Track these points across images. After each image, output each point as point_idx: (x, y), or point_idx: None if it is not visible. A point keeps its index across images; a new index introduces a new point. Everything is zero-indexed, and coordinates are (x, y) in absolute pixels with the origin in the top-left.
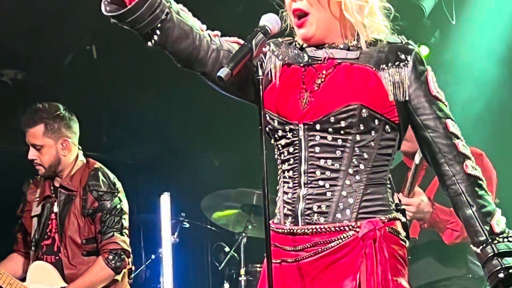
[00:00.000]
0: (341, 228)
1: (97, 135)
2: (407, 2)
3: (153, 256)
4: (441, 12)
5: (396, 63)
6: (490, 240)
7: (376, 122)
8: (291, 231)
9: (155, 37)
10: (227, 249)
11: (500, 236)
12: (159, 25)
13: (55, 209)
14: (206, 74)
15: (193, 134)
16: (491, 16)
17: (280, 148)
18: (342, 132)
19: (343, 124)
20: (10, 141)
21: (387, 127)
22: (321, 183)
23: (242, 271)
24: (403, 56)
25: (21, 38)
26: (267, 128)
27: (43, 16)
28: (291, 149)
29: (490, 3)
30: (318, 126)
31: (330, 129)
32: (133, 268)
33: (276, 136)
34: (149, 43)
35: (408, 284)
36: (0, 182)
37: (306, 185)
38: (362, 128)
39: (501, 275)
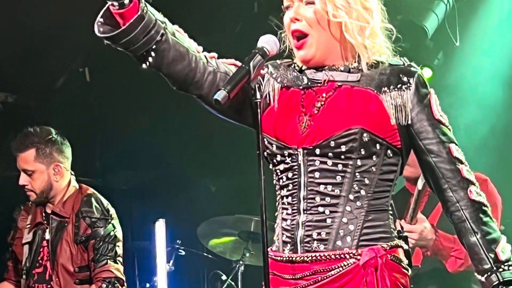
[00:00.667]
0: (342, 255)
1: (90, 160)
2: (410, 23)
3: (147, 285)
4: (445, 33)
5: (398, 86)
6: (495, 268)
7: (378, 146)
8: (290, 259)
9: (150, 59)
10: (224, 277)
11: (506, 264)
12: (154, 46)
13: (47, 236)
14: (202, 97)
15: (189, 159)
16: (496, 37)
17: (279, 173)
18: (342, 157)
19: (343, 148)
20: (0, 166)
21: (389, 151)
22: (321, 209)
23: None
24: (405, 79)
25: (11, 60)
26: (265, 153)
27: (34, 37)
28: (290, 174)
29: (495, 24)
30: (317, 151)
31: (330, 154)
32: None
33: (274, 161)
34: (144, 65)
35: None
36: None
37: (305, 212)
38: (363, 152)
39: None
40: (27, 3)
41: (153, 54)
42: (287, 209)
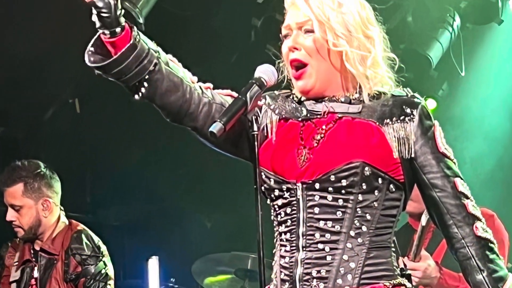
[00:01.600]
0: None
1: (80, 195)
2: (413, 52)
3: None
4: (450, 63)
5: (401, 118)
6: None
7: (380, 181)
8: None
9: (143, 90)
10: None
11: None
12: (146, 76)
13: (35, 274)
14: (197, 129)
15: (183, 193)
16: (503, 67)
17: (277, 209)
18: (343, 191)
19: (344, 183)
20: None
21: (391, 186)
22: (320, 246)
23: None
24: (408, 110)
25: None
26: (262, 188)
27: (22, 66)
28: (288, 210)
29: (501, 53)
30: (317, 185)
31: (330, 189)
32: None
33: (272, 196)
34: (136, 96)
35: None
36: None
37: (304, 249)
38: (364, 187)
39: None
40: (14, 32)
41: (145, 84)
42: (285, 246)
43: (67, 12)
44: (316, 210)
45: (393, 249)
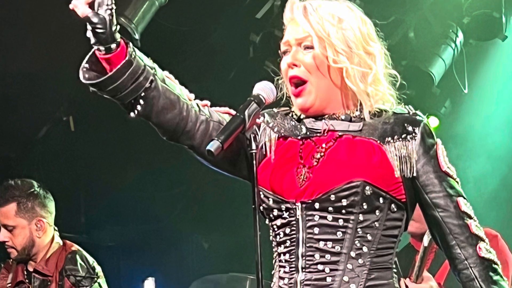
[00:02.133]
0: None
1: (74, 215)
2: (415, 68)
3: None
4: (452, 80)
5: (403, 136)
6: None
7: (381, 200)
8: None
9: (139, 107)
10: None
11: None
12: (142, 94)
13: None
14: (194, 148)
15: (180, 213)
16: (507, 85)
17: (276, 229)
18: (343, 211)
19: (344, 202)
20: None
21: (392, 206)
22: (320, 267)
23: None
24: (410, 128)
25: None
26: (261, 207)
27: (15, 84)
28: (287, 230)
29: (505, 70)
30: (317, 205)
31: (330, 208)
32: None
33: (271, 215)
34: (132, 114)
35: None
36: None
37: (304, 270)
38: (365, 207)
39: None
40: (7, 49)
41: (141, 102)
42: (284, 267)
43: (61, 28)
44: (316, 230)
45: (395, 270)
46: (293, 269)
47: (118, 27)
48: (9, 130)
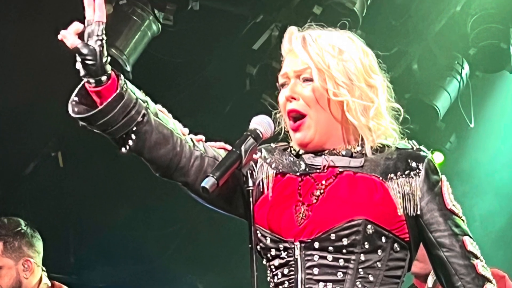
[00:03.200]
0: None
1: (63, 255)
2: (419, 102)
3: None
4: (458, 114)
5: (406, 172)
6: None
7: (383, 239)
8: None
9: (130, 142)
10: None
11: None
12: (134, 128)
13: None
14: (188, 185)
15: (173, 253)
16: None
17: (273, 269)
18: (344, 251)
19: (345, 242)
20: None
21: (395, 245)
22: None
23: None
24: (414, 164)
25: None
26: (258, 247)
27: (1, 117)
28: (285, 271)
29: None
30: (316, 245)
31: (330, 248)
32: None
33: (268, 255)
34: (123, 149)
35: None
36: None
37: None
38: (367, 246)
39: None
40: None
41: (133, 137)
42: None
43: (49, 60)
44: (316, 270)
45: None
46: None
47: (109, 58)
48: None
